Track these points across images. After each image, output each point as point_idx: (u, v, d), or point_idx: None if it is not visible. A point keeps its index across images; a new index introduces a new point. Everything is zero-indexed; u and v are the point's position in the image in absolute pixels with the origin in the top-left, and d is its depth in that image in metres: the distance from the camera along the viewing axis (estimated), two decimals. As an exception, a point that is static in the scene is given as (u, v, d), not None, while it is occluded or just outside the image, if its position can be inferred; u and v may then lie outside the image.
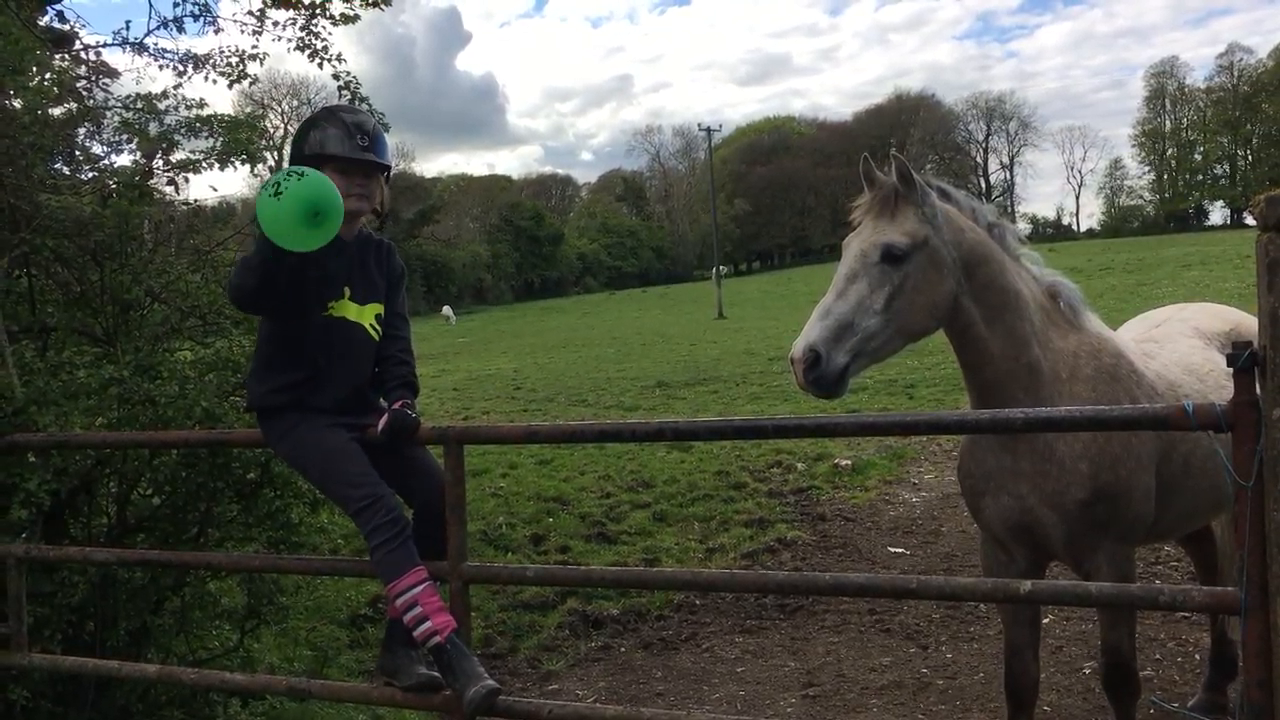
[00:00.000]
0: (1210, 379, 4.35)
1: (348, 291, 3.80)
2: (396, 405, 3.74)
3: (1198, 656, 5.88)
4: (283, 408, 3.74)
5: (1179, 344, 4.58)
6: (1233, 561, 5.06)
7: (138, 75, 6.02)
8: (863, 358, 3.56)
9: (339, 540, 8.02)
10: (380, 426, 3.67)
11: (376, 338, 3.88)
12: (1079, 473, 3.75)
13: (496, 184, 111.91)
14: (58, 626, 4.72)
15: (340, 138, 3.75)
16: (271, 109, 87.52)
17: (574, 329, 46.69)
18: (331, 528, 6.22)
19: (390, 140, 4.14)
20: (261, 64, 6.03)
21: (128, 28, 5.93)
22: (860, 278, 3.59)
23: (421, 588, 3.49)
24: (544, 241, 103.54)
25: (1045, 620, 6.11)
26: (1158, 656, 5.99)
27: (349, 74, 6.37)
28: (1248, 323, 4.91)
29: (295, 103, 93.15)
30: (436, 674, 3.63)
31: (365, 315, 3.85)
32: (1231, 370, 2.57)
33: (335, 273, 3.76)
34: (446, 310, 61.10)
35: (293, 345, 3.74)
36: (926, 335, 3.77)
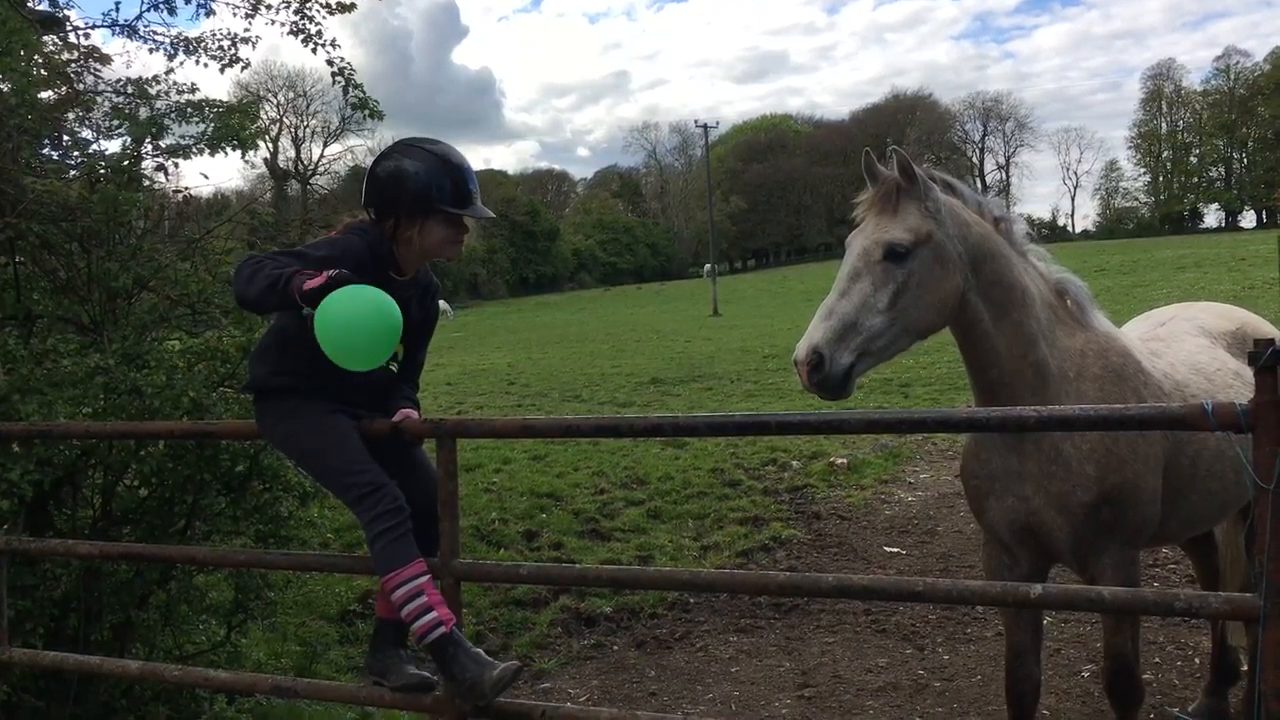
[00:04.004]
0: (1218, 379, 4.28)
1: None
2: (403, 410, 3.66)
3: (1197, 660, 5.82)
4: (285, 390, 3.60)
5: (1186, 343, 4.51)
6: (1236, 566, 5.05)
7: (129, 59, 5.94)
8: (868, 357, 3.47)
9: (329, 535, 7.91)
10: (395, 418, 3.59)
11: (393, 370, 3.74)
12: (1085, 474, 3.67)
13: (493, 179, 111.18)
14: (40, 620, 4.64)
15: (461, 190, 3.62)
16: (267, 100, 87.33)
17: (569, 325, 46.60)
18: (321, 522, 6.11)
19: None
20: (254, 47, 5.96)
21: (118, 9, 5.84)
22: (863, 276, 3.50)
23: (425, 578, 3.39)
24: (540, 237, 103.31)
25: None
26: (1157, 660, 5.92)
27: (344, 60, 6.28)
28: (1254, 322, 4.86)
29: (291, 95, 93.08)
30: (427, 674, 3.54)
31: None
32: (1254, 369, 2.48)
33: None
34: (443, 304, 60.69)
35: (309, 349, 3.43)
36: (934, 332, 3.67)
